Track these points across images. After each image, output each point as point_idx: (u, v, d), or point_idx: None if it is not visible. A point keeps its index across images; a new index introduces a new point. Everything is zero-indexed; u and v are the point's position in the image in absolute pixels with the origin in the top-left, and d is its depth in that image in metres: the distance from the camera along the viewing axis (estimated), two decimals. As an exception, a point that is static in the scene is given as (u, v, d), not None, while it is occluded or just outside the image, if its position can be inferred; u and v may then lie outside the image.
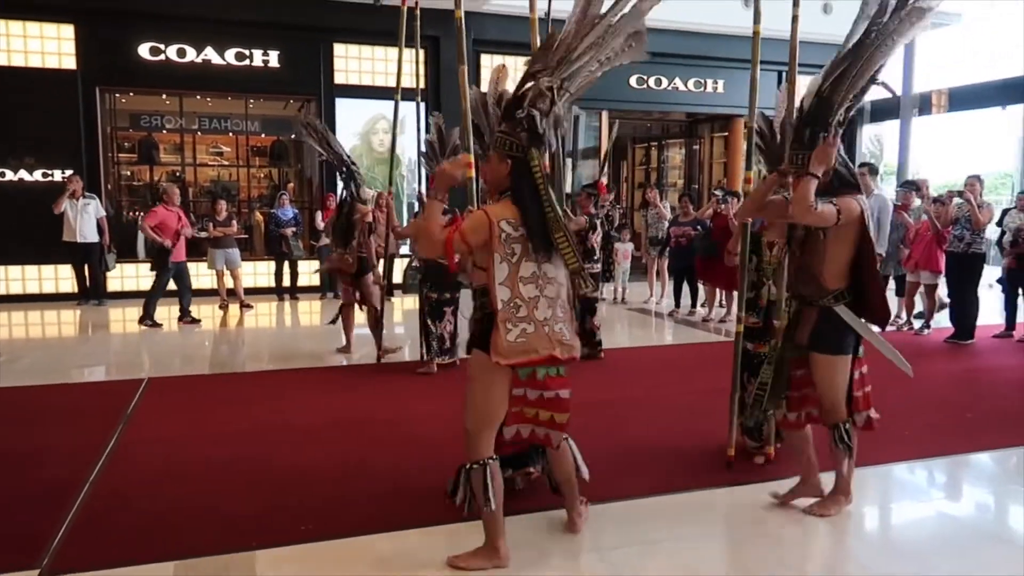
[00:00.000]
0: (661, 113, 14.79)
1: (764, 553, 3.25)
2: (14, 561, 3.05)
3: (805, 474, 3.58)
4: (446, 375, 6.28)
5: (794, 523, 3.49)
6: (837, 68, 3.21)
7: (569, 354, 2.95)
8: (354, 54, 11.74)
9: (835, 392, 3.38)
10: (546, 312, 2.90)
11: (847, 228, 3.23)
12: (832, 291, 3.31)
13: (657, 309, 10.30)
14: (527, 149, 2.91)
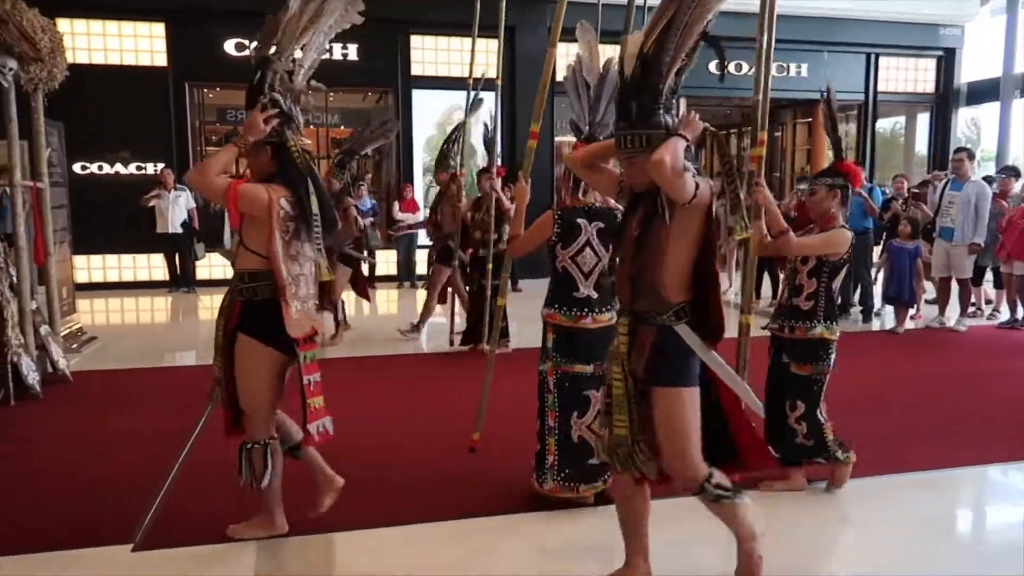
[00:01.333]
0: (740, 99, 14.39)
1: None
2: (110, 536, 3.22)
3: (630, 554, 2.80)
4: (504, 361, 6.29)
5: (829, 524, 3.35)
6: (660, 21, 2.51)
7: (320, 328, 3.11)
8: (430, 45, 11.85)
9: (681, 437, 2.54)
10: (306, 290, 3.02)
11: (694, 218, 2.52)
12: (673, 305, 2.55)
13: (735, 300, 10.05)
14: (281, 132, 3.00)
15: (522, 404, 5.05)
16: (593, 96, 3.51)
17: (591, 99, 3.51)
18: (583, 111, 3.56)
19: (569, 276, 3.40)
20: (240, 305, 3.04)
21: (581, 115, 3.56)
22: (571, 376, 3.38)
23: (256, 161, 3.05)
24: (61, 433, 4.48)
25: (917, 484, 3.84)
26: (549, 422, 3.43)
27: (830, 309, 3.66)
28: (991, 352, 7.00)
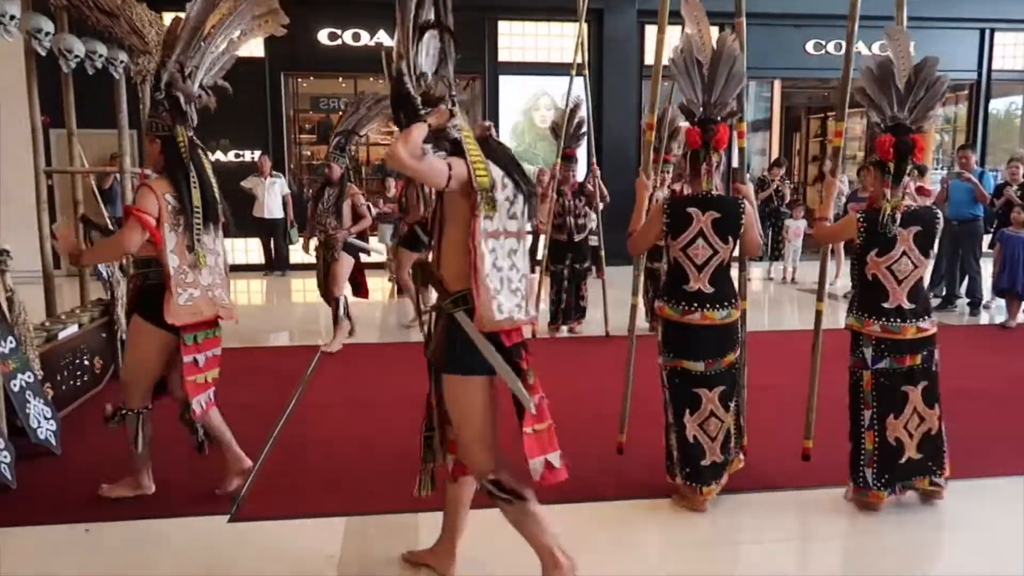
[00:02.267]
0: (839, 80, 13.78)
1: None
2: (209, 507, 3.37)
3: (444, 538, 2.87)
4: (590, 345, 6.25)
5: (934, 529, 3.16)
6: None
7: (227, 315, 3.34)
8: (518, 31, 11.82)
9: (468, 427, 2.56)
10: (208, 279, 3.24)
11: (459, 202, 2.42)
12: (453, 293, 2.46)
13: (831, 290, 9.66)
14: (172, 127, 3.18)
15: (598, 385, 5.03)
16: (707, 75, 3.30)
17: (704, 79, 3.31)
18: (696, 92, 3.33)
19: (680, 268, 3.28)
20: (136, 288, 3.34)
21: (694, 97, 3.34)
22: (680, 372, 3.29)
23: (149, 153, 3.29)
24: (164, 407, 4.71)
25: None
26: (669, 417, 3.37)
27: (860, 298, 3.36)
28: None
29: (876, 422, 3.29)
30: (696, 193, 3.30)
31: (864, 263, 3.29)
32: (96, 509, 3.32)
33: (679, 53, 3.35)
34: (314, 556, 2.98)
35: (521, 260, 2.52)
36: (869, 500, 3.32)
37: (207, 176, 3.29)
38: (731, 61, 3.28)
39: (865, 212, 3.30)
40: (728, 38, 3.30)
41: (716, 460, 3.31)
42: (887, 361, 3.26)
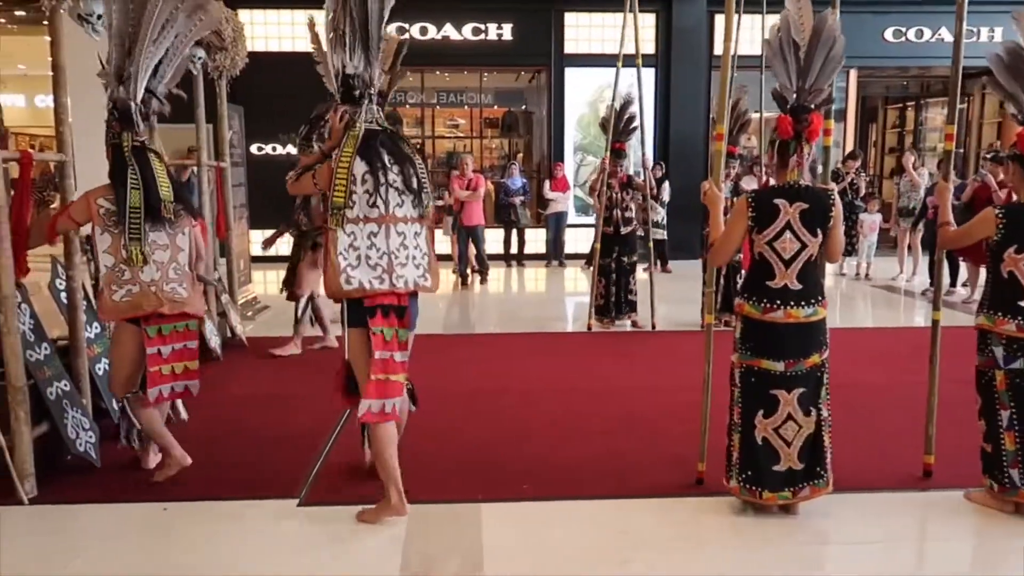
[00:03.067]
0: (921, 69, 13.22)
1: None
2: (279, 491, 3.47)
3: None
4: (643, 340, 6.18)
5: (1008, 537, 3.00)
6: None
7: (181, 310, 3.36)
8: (584, 22, 11.74)
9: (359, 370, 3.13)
10: (153, 274, 3.28)
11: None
12: None
13: (907, 287, 9.32)
14: (119, 134, 3.28)
15: (670, 381, 4.98)
16: (803, 57, 3.09)
17: (800, 62, 3.10)
18: (790, 77, 3.13)
19: (765, 263, 3.09)
20: None
21: (787, 82, 3.14)
22: (757, 371, 3.14)
23: (108, 156, 3.39)
24: (238, 393, 4.88)
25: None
26: (734, 417, 3.24)
27: (992, 296, 3.22)
28: None
29: (1017, 422, 3.17)
30: (782, 184, 3.13)
31: (1000, 260, 3.17)
32: (174, 489, 3.45)
33: (775, 33, 3.16)
34: (379, 540, 3.03)
35: (383, 241, 3.01)
36: (1019, 500, 3.21)
37: (153, 177, 3.31)
38: (830, 43, 3.08)
39: (1005, 207, 3.18)
40: (828, 17, 3.10)
41: (793, 467, 3.16)
42: (1021, 361, 3.15)
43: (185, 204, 3.53)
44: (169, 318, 3.37)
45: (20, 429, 3.31)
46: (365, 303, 3.01)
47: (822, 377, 3.20)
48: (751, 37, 6.94)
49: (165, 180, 3.37)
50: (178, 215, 3.41)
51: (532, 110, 13.88)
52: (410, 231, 3.08)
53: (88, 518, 3.23)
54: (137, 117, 3.34)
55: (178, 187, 3.50)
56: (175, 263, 3.38)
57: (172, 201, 3.36)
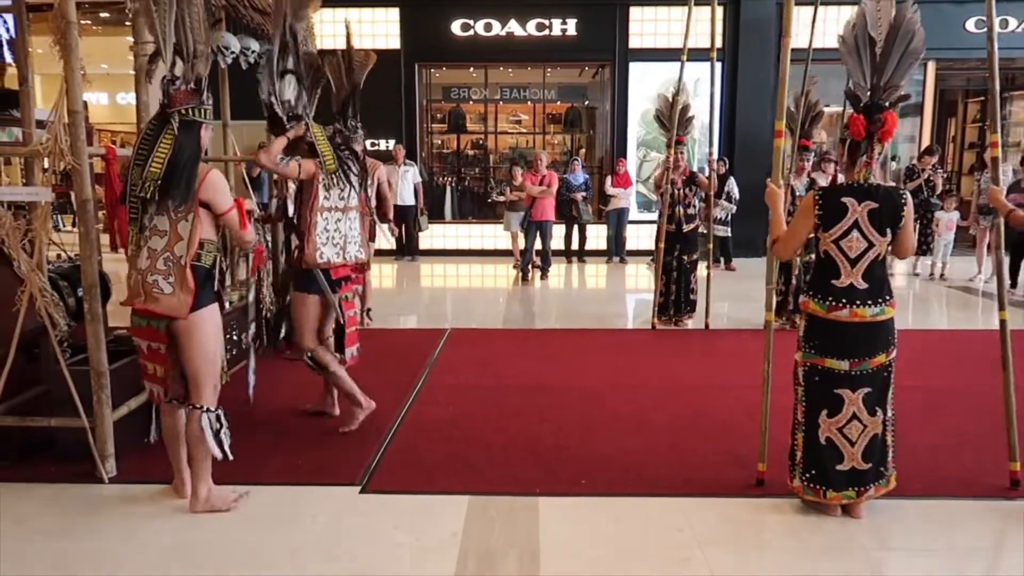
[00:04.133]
0: (1006, 60, 12.62)
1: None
2: (343, 477, 3.56)
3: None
4: (708, 339, 6.08)
5: None
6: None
7: (153, 308, 2.99)
8: (650, 16, 11.62)
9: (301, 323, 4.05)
10: (144, 263, 3.00)
11: (308, 191, 3.86)
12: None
13: (985, 288, 8.95)
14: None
15: (735, 380, 4.91)
16: (880, 53, 2.99)
17: (876, 58, 2.99)
18: (864, 74, 3.03)
19: (831, 261, 3.06)
20: None
21: (861, 80, 3.04)
22: (821, 370, 3.10)
23: None
24: (304, 383, 5.00)
25: None
26: (797, 416, 3.21)
27: None
28: None
29: None
30: (851, 181, 3.06)
31: None
32: (243, 472, 3.57)
33: (850, 29, 3.05)
34: (438, 530, 3.08)
35: (344, 225, 3.97)
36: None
37: (155, 156, 2.97)
38: (909, 36, 2.97)
39: None
40: (908, 10, 2.99)
41: (857, 467, 3.11)
42: None
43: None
44: (139, 311, 3.07)
45: (102, 412, 3.48)
46: (332, 275, 3.97)
47: (888, 377, 3.13)
48: (825, 29, 6.75)
49: (163, 158, 2.97)
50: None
51: (595, 105, 13.81)
52: (355, 217, 4.04)
53: (162, 498, 3.37)
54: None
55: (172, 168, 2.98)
56: (167, 253, 3.00)
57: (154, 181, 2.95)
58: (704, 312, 6.89)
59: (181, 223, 3.00)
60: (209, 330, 3.10)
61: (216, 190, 3.06)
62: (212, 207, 3.07)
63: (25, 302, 3.44)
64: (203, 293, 3.06)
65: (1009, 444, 3.45)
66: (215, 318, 3.14)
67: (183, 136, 3.00)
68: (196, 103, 3.04)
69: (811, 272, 3.25)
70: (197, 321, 3.04)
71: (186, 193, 2.98)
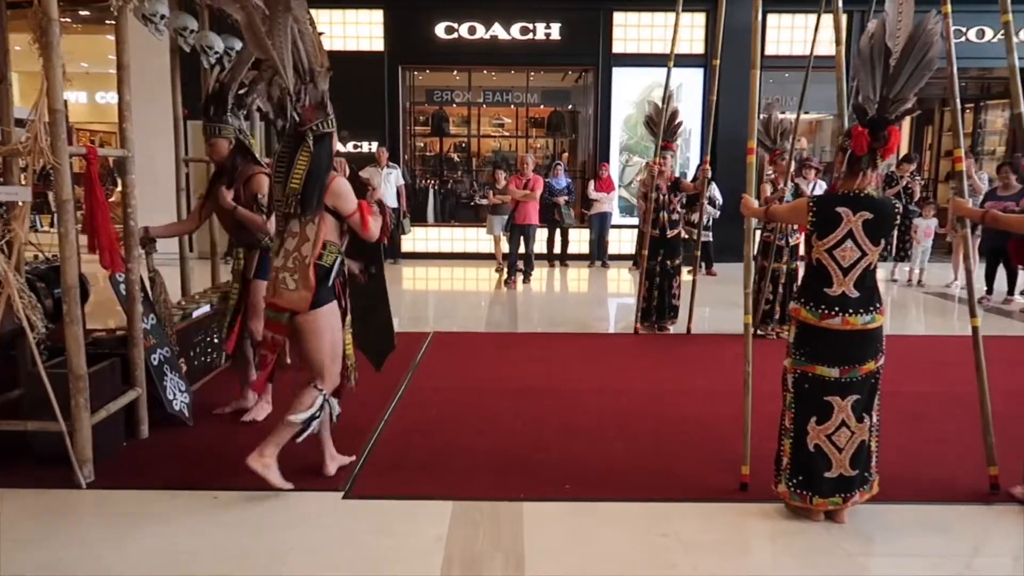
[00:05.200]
0: (981, 70, 12.83)
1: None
2: (326, 483, 3.53)
3: None
4: (690, 343, 6.11)
5: None
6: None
7: (279, 302, 3.29)
8: (633, 22, 11.67)
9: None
10: (279, 262, 3.31)
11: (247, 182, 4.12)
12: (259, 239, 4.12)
13: (961, 295, 9.07)
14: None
15: (718, 386, 4.93)
16: (894, 64, 2.94)
17: (889, 69, 2.95)
18: (874, 87, 2.99)
19: (824, 270, 3.07)
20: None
21: (871, 93, 2.99)
22: (811, 377, 3.12)
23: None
24: (286, 383, 4.96)
25: None
26: (785, 422, 3.22)
27: None
28: None
29: None
30: (847, 192, 3.07)
31: None
32: (223, 479, 3.54)
33: (867, 39, 2.98)
34: (422, 536, 3.07)
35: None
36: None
37: (294, 172, 3.29)
38: (925, 49, 2.91)
39: None
40: (930, 20, 2.93)
41: (844, 473, 3.13)
42: None
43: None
44: (270, 305, 3.36)
45: (80, 416, 3.43)
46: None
47: (876, 384, 3.16)
48: (801, 37, 6.83)
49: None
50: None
51: (578, 110, 13.85)
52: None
53: (141, 503, 3.33)
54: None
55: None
56: (296, 253, 3.28)
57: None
58: (687, 317, 6.92)
59: (308, 226, 3.29)
60: (328, 324, 3.35)
61: (340, 196, 3.31)
62: (338, 211, 3.32)
63: (2, 304, 3.38)
64: (323, 291, 3.31)
65: (986, 448, 3.50)
66: (334, 314, 3.39)
67: (318, 149, 3.29)
68: (323, 117, 3.32)
69: (802, 280, 3.27)
70: (317, 316, 3.31)
71: (318, 201, 3.28)
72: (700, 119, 11.38)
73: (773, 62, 11.37)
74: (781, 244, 6.53)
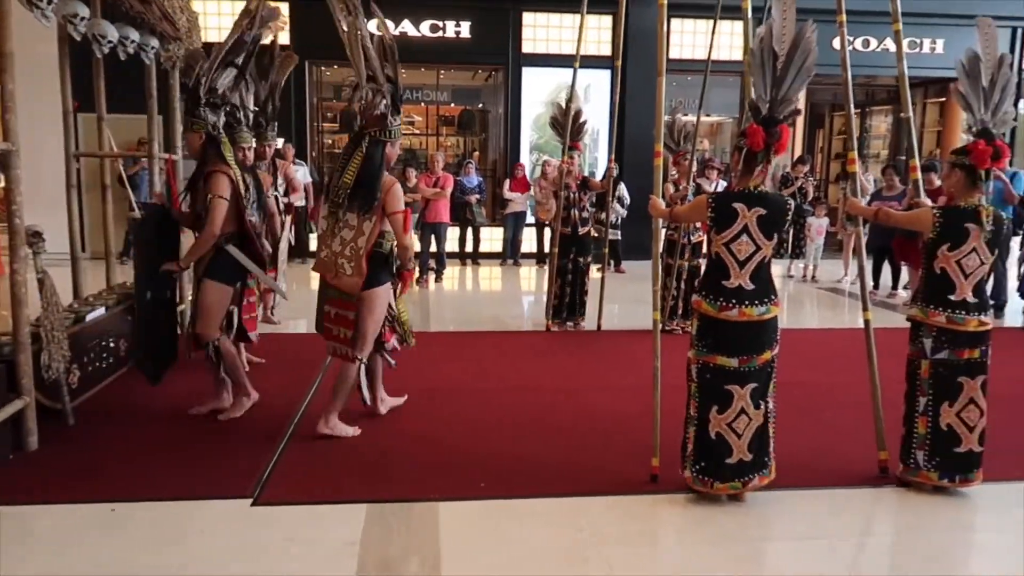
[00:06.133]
0: (866, 78, 13.60)
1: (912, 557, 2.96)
2: (232, 490, 3.41)
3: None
4: (600, 340, 6.25)
5: (952, 531, 3.15)
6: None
7: (339, 284, 3.89)
8: (542, 22, 11.78)
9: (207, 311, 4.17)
10: (336, 247, 3.86)
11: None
12: (225, 233, 4.09)
13: (851, 289, 9.60)
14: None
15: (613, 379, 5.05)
16: (780, 67, 3.18)
17: (776, 71, 3.18)
18: (766, 87, 3.21)
19: (722, 263, 3.22)
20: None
21: (764, 93, 3.22)
22: (712, 367, 3.25)
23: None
24: (190, 391, 4.77)
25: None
26: (690, 411, 3.36)
27: (926, 290, 3.45)
28: None
29: (931, 409, 3.43)
30: (743, 189, 3.23)
31: (934, 257, 3.38)
32: (121, 489, 3.37)
33: (759, 43, 3.21)
34: (334, 541, 3.01)
35: None
36: (918, 480, 3.49)
37: (348, 169, 3.96)
38: (805, 55, 3.17)
39: (942, 209, 3.41)
40: (808, 29, 3.19)
41: (744, 459, 3.29)
42: (947, 352, 3.39)
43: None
44: (333, 283, 3.96)
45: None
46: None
47: (772, 372, 3.33)
48: (703, 41, 7.07)
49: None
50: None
51: (488, 109, 13.88)
52: None
53: (33, 519, 3.13)
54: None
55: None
56: (352, 243, 3.83)
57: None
58: (597, 314, 7.05)
59: (366, 223, 3.80)
60: (379, 302, 3.95)
61: (397, 199, 3.86)
62: (386, 208, 3.82)
63: None
64: (381, 274, 3.92)
65: (877, 434, 3.72)
66: (386, 294, 3.99)
67: (370, 152, 3.83)
68: (382, 126, 3.86)
69: (703, 274, 3.41)
70: (371, 295, 3.90)
71: (370, 200, 3.80)
72: (608, 119, 11.61)
73: (676, 65, 11.71)
74: (685, 242, 6.75)
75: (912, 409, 3.51)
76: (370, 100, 3.87)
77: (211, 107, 4.17)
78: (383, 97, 3.86)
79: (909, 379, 3.53)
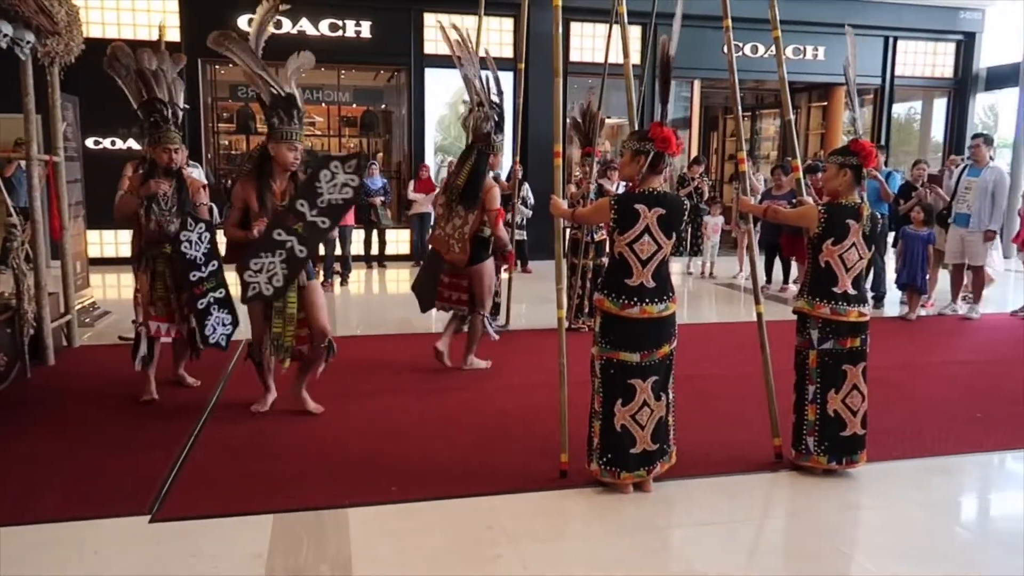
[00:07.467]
0: (755, 82, 14.27)
1: (816, 539, 3.15)
2: (128, 506, 3.26)
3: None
4: (508, 339, 6.31)
5: (841, 510, 3.39)
6: None
7: (451, 258, 5.19)
8: (444, 24, 11.75)
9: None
10: (449, 229, 5.16)
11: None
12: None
13: (745, 284, 10.04)
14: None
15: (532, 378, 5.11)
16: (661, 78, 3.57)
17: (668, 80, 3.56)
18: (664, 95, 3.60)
19: (625, 263, 3.32)
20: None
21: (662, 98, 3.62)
22: (616, 363, 3.34)
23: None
24: (77, 405, 4.52)
25: (932, 469, 3.85)
26: (595, 406, 3.44)
27: (812, 283, 3.67)
28: (1005, 339, 6.97)
29: (819, 397, 3.63)
30: (643, 190, 3.33)
31: (819, 251, 3.59)
32: (16, 512, 3.16)
33: (660, 51, 3.53)
34: (240, 555, 2.91)
35: None
36: (810, 465, 3.69)
37: (461, 173, 5.23)
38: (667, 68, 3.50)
39: (827, 205, 3.63)
40: (665, 42, 3.47)
41: (647, 448, 3.40)
42: (831, 342, 3.59)
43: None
44: (447, 257, 5.28)
45: None
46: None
47: (671, 365, 3.47)
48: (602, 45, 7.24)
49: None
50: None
51: (392, 110, 13.74)
52: None
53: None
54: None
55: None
56: (460, 229, 5.12)
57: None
58: (504, 313, 7.10)
59: (470, 214, 5.06)
60: (487, 273, 5.30)
61: (495, 200, 5.12)
62: (485, 205, 5.08)
63: None
64: (482, 252, 5.21)
65: (771, 422, 3.91)
66: (490, 266, 5.32)
67: (477, 162, 5.11)
68: (487, 142, 5.12)
69: (605, 273, 3.50)
70: (480, 268, 5.24)
71: (474, 199, 5.08)
72: (511, 121, 11.71)
73: (577, 68, 11.94)
74: (588, 240, 6.88)
75: (802, 397, 3.71)
76: (480, 122, 5.07)
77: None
78: (490, 120, 5.06)
79: (798, 369, 3.73)
